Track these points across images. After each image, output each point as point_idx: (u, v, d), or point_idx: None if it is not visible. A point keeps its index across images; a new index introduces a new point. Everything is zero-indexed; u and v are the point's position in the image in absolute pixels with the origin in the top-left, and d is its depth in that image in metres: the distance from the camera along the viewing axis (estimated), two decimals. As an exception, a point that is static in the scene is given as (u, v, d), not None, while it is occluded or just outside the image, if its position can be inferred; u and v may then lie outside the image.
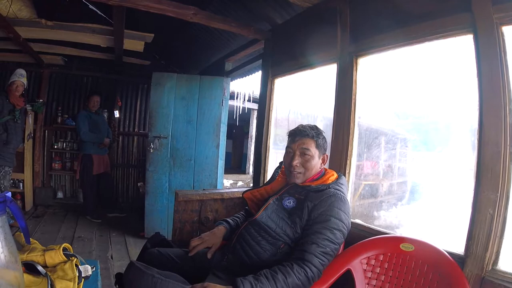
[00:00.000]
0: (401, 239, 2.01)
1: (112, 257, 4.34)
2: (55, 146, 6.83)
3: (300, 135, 2.22)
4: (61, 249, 1.44)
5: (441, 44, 2.21)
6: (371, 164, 5.77)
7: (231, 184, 10.47)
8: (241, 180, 10.98)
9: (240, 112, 9.73)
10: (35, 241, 1.58)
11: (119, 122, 7.28)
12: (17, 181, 6.08)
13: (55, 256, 1.44)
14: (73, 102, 7.05)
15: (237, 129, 13.91)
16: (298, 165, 2.19)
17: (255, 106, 10.49)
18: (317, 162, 2.23)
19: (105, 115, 6.60)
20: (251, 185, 10.45)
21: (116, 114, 7.04)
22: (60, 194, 6.93)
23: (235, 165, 14.59)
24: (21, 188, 6.12)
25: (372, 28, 2.57)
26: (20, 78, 4.80)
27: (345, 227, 1.98)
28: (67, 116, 6.83)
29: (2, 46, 5.39)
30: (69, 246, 1.51)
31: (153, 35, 4.81)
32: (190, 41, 5.77)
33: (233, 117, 8.88)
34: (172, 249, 2.30)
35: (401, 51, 2.48)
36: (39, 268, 1.33)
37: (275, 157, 3.95)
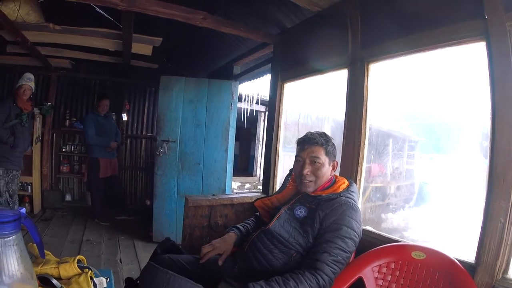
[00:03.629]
0: (413, 247, 2.00)
1: (121, 261, 4.34)
2: (63, 149, 6.88)
3: (309, 143, 2.20)
4: (76, 261, 1.43)
5: (453, 51, 2.19)
6: (379, 167, 5.76)
7: (238, 187, 10.43)
8: (248, 183, 10.92)
9: (248, 114, 9.69)
10: (49, 252, 1.57)
11: (127, 125, 7.32)
12: (25, 184, 6.10)
13: (69, 269, 1.43)
14: (81, 105, 7.10)
15: (244, 131, 13.83)
16: (308, 173, 2.17)
17: (262, 108, 10.47)
18: (327, 170, 2.21)
19: (113, 118, 6.58)
20: (259, 187, 10.52)
21: (124, 117, 7.07)
22: (68, 197, 6.98)
23: (242, 167, 14.46)
24: (30, 191, 6.15)
25: (383, 34, 2.54)
26: (28, 82, 4.79)
27: (357, 235, 1.97)
28: (75, 119, 6.89)
29: (10, 49, 5.39)
30: (83, 258, 1.50)
31: (161, 39, 4.81)
32: (199, 45, 5.74)
33: (240, 119, 8.82)
34: (182, 256, 2.29)
35: (412, 57, 2.45)
36: (54, 281, 1.33)
37: (283, 160, 3.95)
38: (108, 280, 1.46)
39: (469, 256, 1.92)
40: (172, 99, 5.07)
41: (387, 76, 2.84)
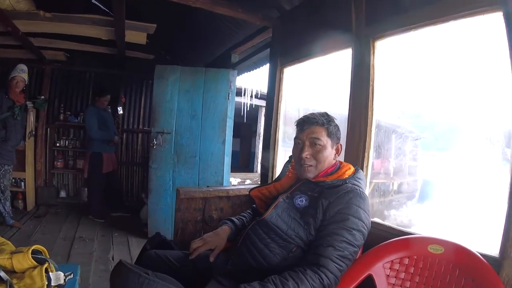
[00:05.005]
0: (429, 240, 1.79)
1: (113, 258, 4.16)
2: (58, 144, 6.72)
3: (309, 123, 1.99)
4: (30, 252, 1.20)
5: (466, 24, 2.01)
6: (382, 162, 5.64)
7: (239, 183, 10.31)
8: (249, 179, 10.84)
9: (248, 109, 9.53)
10: (8, 242, 1.34)
11: (123, 119, 7.13)
12: (18, 180, 5.95)
13: (23, 260, 1.21)
14: (75, 99, 6.93)
15: (245, 127, 13.77)
16: (308, 156, 1.96)
17: (263, 103, 10.32)
18: (330, 153, 1.99)
19: (110, 111, 6.43)
20: (259, 183, 10.34)
21: (120, 110, 6.90)
22: (63, 193, 6.81)
23: (243, 164, 14.43)
24: (23, 187, 5.99)
25: (390, 8, 2.34)
26: (21, 73, 4.68)
27: (365, 227, 1.76)
28: (69, 113, 6.72)
29: (2, 41, 5.24)
30: (43, 248, 1.27)
31: (155, 25, 4.61)
32: (195, 35, 5.61)
33: (240, 114, 8.66)
34: (171, 251, 2.09)
35: (422, 32, 2.24)
36: (1, 274, 1.11)
37: (283, 156, 3.72)
38: (71, 276, 1.23)
39: (483, 249, 1.73)
40: (168, 89, 4.86)
41: (393, 55, 2.67)
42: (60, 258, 3.93)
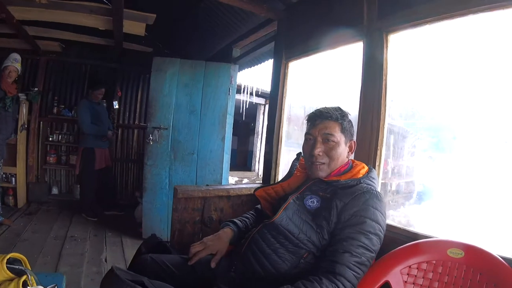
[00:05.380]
0: (449, 244, 1.69)
1: (106, 260, 3.99)
2: (50, 139, 6.50)
3: (322, 118, 1.86)
4: (5, 262, 1.02)
5: (484, 18, 1.92)
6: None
7: (236, 181, 10.25)
8: (246, 178, 10.79)
9: (247, 107, 9.43)
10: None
11: (119, 114, 6.95)
12: (9, 175, 5.73)
13: (-3, 272, 1.01)
14: (70, 92, 6.72)
15: (243, 125, 13.67)
16: (320, 154, 1.83)
17: (262, 100, 10.25)
18: (343, 150, 1.87)
19: (104, 105, 6.23)
20: (258, 182, 10.27)
21: (116, 105, 6.70)
22: (55, 190, 6.61)
23: (240, 162, 14.34)
24: (14, 183, 5.77)
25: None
26: (14, 63, 4.52)
27: (382, 230, 1.65)
28: (63, 106, 6.51)
29: (-4, 29, 5.05)
30: (22, 257, 1.09)
31: (155, 15, 4.44)
32: (195, 28, 5.48)
33: (238, 111, 8.54)
34: (168, 256, 1.92)
35: (438, 25, 2.13)
36: (-31, 289, 0.92)
37: (287, 154, 3.64)
38: (54, 290, 1.05)
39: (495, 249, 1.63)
40: (165, 83, 4.68)
41: (405, 50, 2.56)
42: (50, 259, 3.79)
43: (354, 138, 1.98)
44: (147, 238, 2.13)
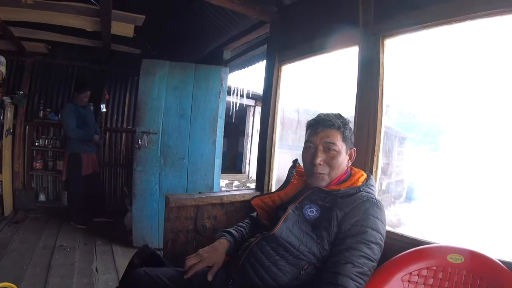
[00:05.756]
0: (449, 249, 1.69)
1: (97, 270, 3.90)
2: (36, 144, 6.35)
3: (324, 126, 1.83)
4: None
5: (482, 25, 1.93)
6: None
7: (227, 184, 10.19)
8: (237, 180, 10.76)
9: (237, 109, 9.41)
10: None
11: (106, 117, 6.83)
12: (-5, 182, 5.58)
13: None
14: (56, 95, 6.58)
15: (232, 127, 13.62)
16: (322, 163, 1.81)
17: (252, 102, 10.22)
18: (344, 159, 1.85)
19: (91, 109, 6.11)
20: (248, 184, 10.26)
21: (103, 108, 6.59)
22: (42, 197, 6.45)
23: (230, 164, 14.32)
24: (0, 190, 5.62)
25: (401, 4, 2.21)
26: None
27: (382, 239, 1.66)
28: (49, 110, 6.37)
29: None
30: (12, 286, 1.02)
31: (144, 16, 4.36)
32: (185, 29, 5.40)
33: (228, 113, 8.51)
34: (163, 269, 1.86)
35: (435, 30, 2.12)
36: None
37: (282, 159, 3.63)
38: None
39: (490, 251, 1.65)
40: (155, 86, 4.59)
41: (400, 54, 2.52)
42: (39, 270, 3.68)
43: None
44: (139, 249, 2.06)
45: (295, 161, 2.12)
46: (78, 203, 5.49)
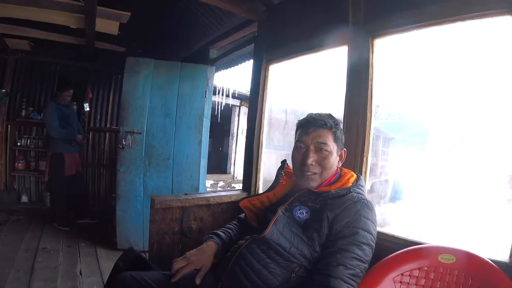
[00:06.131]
0: (440, 250, 1.70)
1: (81, 273, 3.83)
2: (19, 143, 6.24)
3: (315, 126, 1.81)
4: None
5: (473, 26, 1.94)
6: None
7: (212, 185, 10.16)
8: (222, 180, 10.73)
9: (222, 109, 9.39)
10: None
11: (90, 117, 6.75)
12: (-23, 183, 5.49)
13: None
14: (39, 93, 6.48)
15: (218, 127, 13.61)
16: (313, 163, 1.78)
17: (237, 102, 10.20)
18: (335, 160, 1.84)
19: (74, 108, 6.02)
20: (233, 185, 10.24)
21: (86, 107, 6.51)
22: (24, 198, 6.35)
23: (215, 165, 14.28)
24: (-18, 191, 5.52)
25: (392, 4, 2.20)
26: None
27: (374, 240, 1.65)
28: (32, 109, 6.27)
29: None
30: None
31: (129, 13, 4.31)
32: (171, 27, 5.36)
33: (214, 113, 8.49)
34: (149, 273, 1.80)
35: (425, 31, 2.13)
36: None
37: (269, 160, 3.64)
38: None
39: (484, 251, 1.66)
40: (139, 84, 4.53)
41: (389, 54, 2.51)
42: (22, 274, 3.62)
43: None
44: (124, 252, 2.02)
45: (284, 162, 2.10)
46: (61, 204, 5.40)
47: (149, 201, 2.62)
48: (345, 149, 1.92)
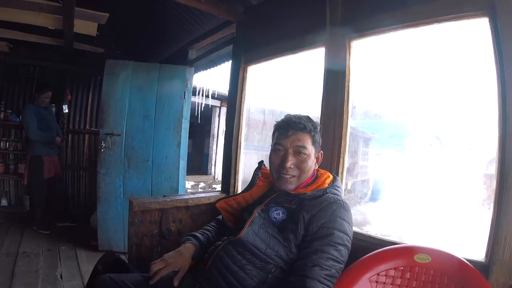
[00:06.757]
0: (415, 249, 1.71)
1: (61, 277, 3.78)
2: (-3, 146, 6.13)
3: (295, 128, 1.81)
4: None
5: (445, 28, 1.98)
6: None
7: (192, 186, 10.11)
8: (203, 182, 10.70)
9: (202, 109, 9.35)
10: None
11: (69, 119, 6.65)
12: (-45, 187, 5.40)
13: None
14: (18, 96, 6.39)
15: (198, 128, 13.56)
16: (292, 166, 1.79)
17: (217, 103, 10.17)
18: (313, 163, 1.84)
19: (53, 110, 5.97)
20: (214, 186, 10.21)
21: (65, 109, 6.42)
22: (4, 202, 6.26)
23: (196, 165, 14.22)
24: (-40, 195, 5.43)
25: (369, 7, 2.24)
26: None
27: (350, 240, 1.66)
28: (11, 111, 6.17)
29: None
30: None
31: (108, 15, 4.26)
32: (149, 28, 5.33)
33: (194, 114, 8.46)
34: (128, 275, 1.81)
35: (403, 32, 2.16)
36: None
37: (249, 160, 3.67)
38: None
39: (464, 251, 1.70)
40: (118, 86, 4.51)
41: (365, 56, 2.54)
42: (3, 279, 3.58)
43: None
44: (103, 255, 2.01)
45: (261, 163, 2.11)
46: (41, 207, 5.35)
47: (128, 202, 2.62)
48: (322, 151, 1.93)
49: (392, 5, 2.06)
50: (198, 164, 14.47)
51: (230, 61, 3.75)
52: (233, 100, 3.49)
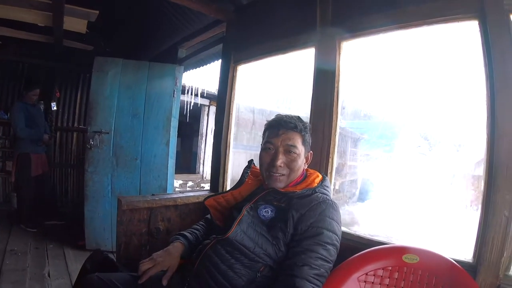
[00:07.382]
0: (403, 250, 1.73)
1: (49, 275, 3.76)
2: (-15, 144, 6.08)
3: (286, 128, 1.83)
4: None
5: (435, 30, 2.01)
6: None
7: (181, 185, 10.08)
8: (191, 180, 10.65)
9: (191, 108, 9.33)
10: None
11: (57, 116, 6.63)
12: None
13: None
14: (6, 93, 6.36)
15: (187, 126, 13.51)
16: (282, 165, 1.80)
17: (206, 102, 10.15)
18: (302, 162, 1.85)
19: (41, 107, 5.88)
20: (202, 185, 10.18)
21: (54, 106, 6.38)
22: (-9, 200, 6.17)
23: (184, 164, 14.16)
24: None
25: (360, 8, 2.26)
26: None
27: (339, 240, 1.66)
28: (-2, 108, 6.11)
29: None
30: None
31: (97, 12, 4.26)
32: (139, 26, 5.31)
33: (182, 113, 8.43)
34: (117, 274, 1.78)
35: (392, 34, 2.20)
36: None
37: (237, 159, 3.66)
38: None
39: (450, 251, 1.72)
40: (107, 84, 4.48)
41: (355, 56, 2.54)
42: (-10, 276, 3.54)
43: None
44: (91, 254, 2.00)
45: (251, 161, 2.10)
46: (28, 205, 5.29)
47: (117, 201, 2.60)
48: (311, 151, 1.95)
49: (382, 7, 2.08)
50: (187, 163, 14.41)
51: (220, 60, 3.75)
52: (222, 99, 3.48)
